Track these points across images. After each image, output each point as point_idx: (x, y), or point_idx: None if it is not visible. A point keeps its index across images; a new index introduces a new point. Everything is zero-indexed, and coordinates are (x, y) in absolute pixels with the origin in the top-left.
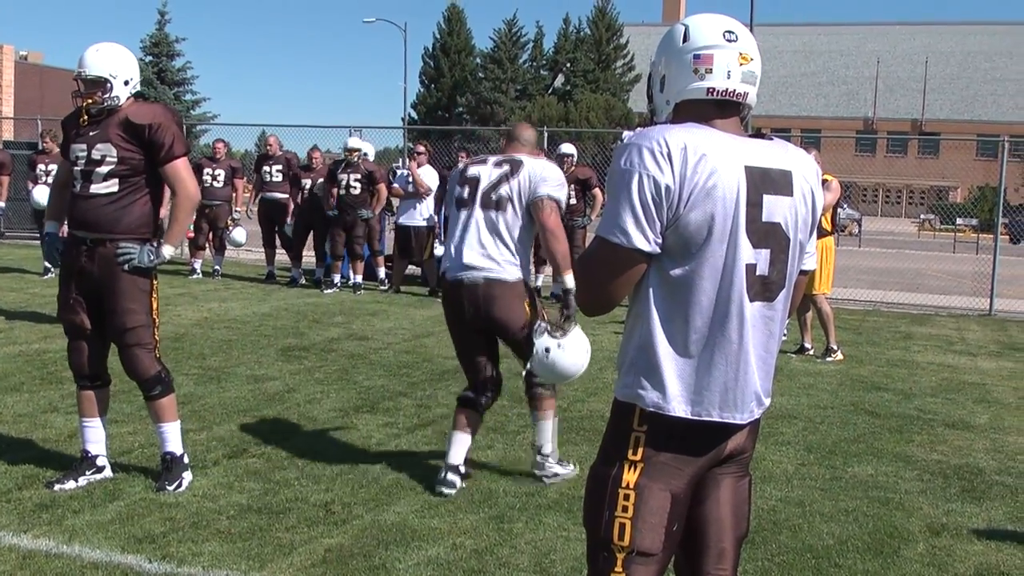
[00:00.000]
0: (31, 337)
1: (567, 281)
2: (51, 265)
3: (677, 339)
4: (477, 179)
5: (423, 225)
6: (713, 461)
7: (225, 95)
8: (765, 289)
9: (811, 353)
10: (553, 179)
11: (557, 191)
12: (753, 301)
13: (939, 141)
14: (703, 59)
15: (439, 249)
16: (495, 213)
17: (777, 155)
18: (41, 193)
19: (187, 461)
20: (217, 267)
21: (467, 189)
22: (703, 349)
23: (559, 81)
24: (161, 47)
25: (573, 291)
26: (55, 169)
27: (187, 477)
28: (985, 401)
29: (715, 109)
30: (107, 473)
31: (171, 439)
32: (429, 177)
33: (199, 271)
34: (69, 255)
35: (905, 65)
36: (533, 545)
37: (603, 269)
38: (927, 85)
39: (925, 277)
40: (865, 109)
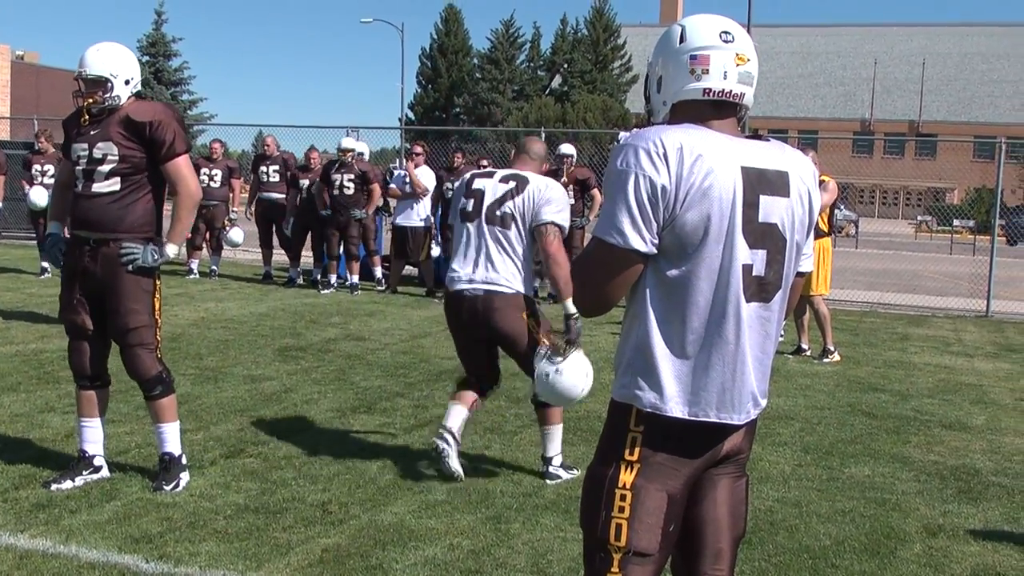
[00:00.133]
0: (28, 337)
1: (568, 307)
2: (53, 266)
3: (674, 340)
4: (482, 193)
5: (420, 226)
6: (710, 462)
7: (222, 95)
8: (761, 290)
9: (808, 354)
10: (556, 202)
11: (560, 216)
12: (749, 302)
13: (936, 142)
14: (699, 60)
15: (436, 250)
16: (499, 229)
17: (774, 156)
18: (38, 194)
19: (185, 462)
20: (214, 267)
21: (472, 202)
22: (700, 350)
23: (556, 82)
24: (158, 47)
25: (574, 315)
26: (50, 169)
27: (184, 478)
28: (982, 402)
29: (712, 110)
30: (104, 473)
31: (170, 439)
32: (426, 178)
33: (196, 271)
34: (72, 255)
35: (902, 66)
36: (530, 545)
37: (600, 270)
38: (924, 86)
39: (922, 278)
40: (862, 110)
